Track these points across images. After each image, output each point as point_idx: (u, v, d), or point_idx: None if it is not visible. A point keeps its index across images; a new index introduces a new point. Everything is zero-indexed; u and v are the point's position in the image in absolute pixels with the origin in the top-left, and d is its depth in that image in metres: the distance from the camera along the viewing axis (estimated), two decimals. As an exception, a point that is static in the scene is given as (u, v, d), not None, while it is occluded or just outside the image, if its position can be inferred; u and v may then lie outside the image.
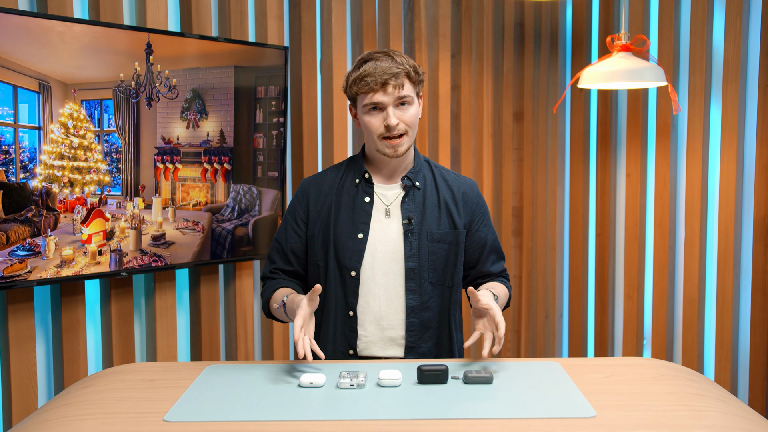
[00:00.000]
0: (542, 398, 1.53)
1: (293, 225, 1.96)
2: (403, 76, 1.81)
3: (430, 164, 1.99)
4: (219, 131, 2.67)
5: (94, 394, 1.60)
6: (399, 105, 1.83)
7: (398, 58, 1.83)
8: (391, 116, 1.81)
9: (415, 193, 1.92)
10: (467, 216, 1.95)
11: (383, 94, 1.81)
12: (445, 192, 1.94)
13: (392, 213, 1.90)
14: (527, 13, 3.48)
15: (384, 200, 1.92)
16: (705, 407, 1.52)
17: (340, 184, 1.94)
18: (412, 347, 1.89)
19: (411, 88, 1.84)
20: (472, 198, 1.97)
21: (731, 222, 3.29)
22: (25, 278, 2.22)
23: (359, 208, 1.90)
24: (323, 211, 1.93)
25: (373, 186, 1.92)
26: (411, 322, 1.88)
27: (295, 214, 1.96)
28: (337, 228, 1.90)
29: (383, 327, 1.89)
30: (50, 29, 2.21)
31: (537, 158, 3.58)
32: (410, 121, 1.84)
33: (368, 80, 1.80)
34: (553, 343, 3.68)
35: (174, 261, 2.59)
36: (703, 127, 3.30)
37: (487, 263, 1.99)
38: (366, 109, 1.84)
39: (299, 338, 1.63)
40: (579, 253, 3.65)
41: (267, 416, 1.44)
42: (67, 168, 2.31)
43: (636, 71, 2.73)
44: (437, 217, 1.91)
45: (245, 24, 2.79)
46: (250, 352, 2.94)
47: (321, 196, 1.95)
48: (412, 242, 1.88)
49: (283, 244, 1.96)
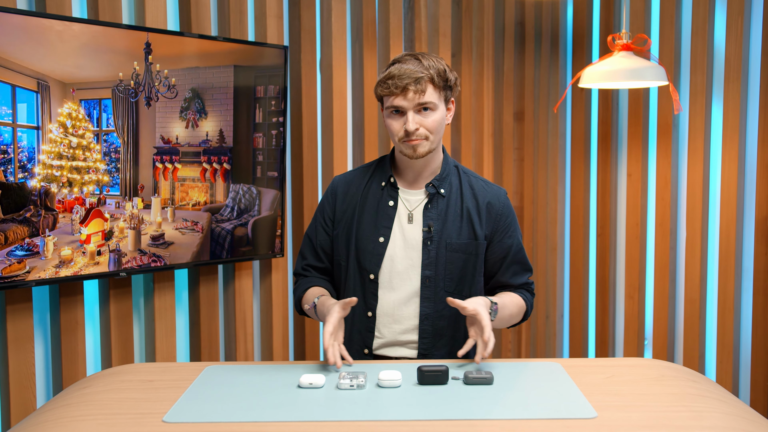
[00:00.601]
0: (543, 399, 1.53)
1: (322, 222, 1.99)
2: (426, 81, 1.79)
3: (459, 170, 1.95)
4: (218, 131, 2.66)
5: (93, 395, 1.60)
6: (421, 110, 1.81)
7: (426, 62, 1.80)
8: (410, 121, 1.79)
9: (439, 201, 1.90)
10: (490, 227, 1.91)
11: (403, 98, 1.79)
12: (470, 201, 1.91)
13: (414, 219, 1.89)
14: (528, 12, 3.48)
15: (408, 205, 1.91)
16: (706, 408, 1.52)
17: (367, 185, 1.95)
18: (425, 354, 1.89)
19: (435, 93, 1.80)
20: (497, 208, 1.92)
21: (732, 222, 3.28)
22: (24, 278, 2.22)
23: (383, 211, 1.90)
24: (348, 212, 1.94)
25: (398, 190, 1.91)
26: (424, 329, 1.89)
27: (324, 211, 1.99)
28: (359, 230, 1.90)
29: (397, 331, 1.89)
30: (49, 28, 2.21)
31: (538, 158, 3.57)
32: (432, 127, 1.81)
33: (389, 83, 1.79)
34: (553, 344, 3.68)
35: (173, 261, 2.58)
36: (704, 127, 3.30)
37: (506, 274, 1.94)
38: (388, 112, 1.84)
39: (329, 345, 1.67)
40: (580, 253, 3.65)
41: (266, 417, 1.44)
42: (66, 168, 2.30)
43: (637, 71, 2.73)
44: (458, 226, 1.88)
45: (245, 23, 2.79)
46: (249, 353, 2.94)
47: (348, 196, 1.95)
48: (430, 250, 1.87)
49: (314, 240, 1.99)
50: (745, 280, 3.33)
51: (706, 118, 3.31)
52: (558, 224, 3.66)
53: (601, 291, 3.64)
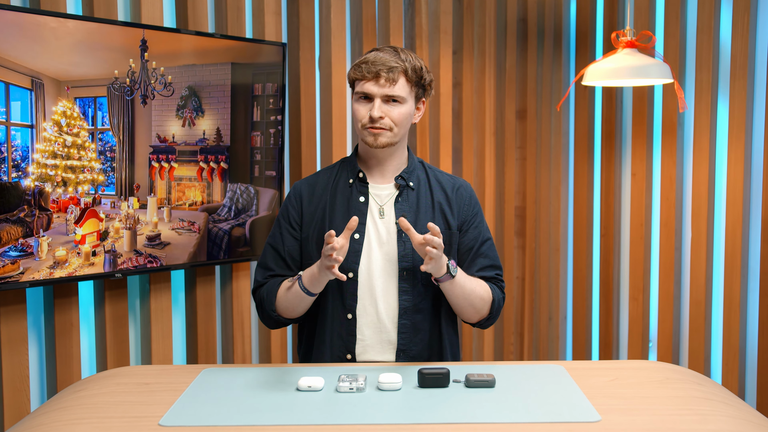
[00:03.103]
0: (545, 402, 1.54)
1: (288, 228, 1.94)
2: (400, 72, 1.81)
3: (424, 165, 1.99)
4: (215, 129, 2.66)
5: (88, 398, 1.60)
6: (390, 101, 1.82)
7: (403, 55, 1.83)
8: (376, 108, 1.80)
9: (409, 193, 1.91)
10: (460, 216, 1.94)
11: (374, 84, 1.80)
12: (439, 193, 1.93)
13: (386, 213, 1.89)
14: (530, 9, 3.47)
15: (377, 200, 1.91)
16: (712, 411, 1.52)
17: (334, 184, 1.94)
18: (403, 350, 1.88)
19: (406, 87, 1.83)
20: (464, 199, 1.95)
21: (739, 222, 3.27)
22: (18, 279, 2.21)
23: (354, 208, 1.89)
24: (317, 213, 1.91)
25: (367, 185, 1.91)
26: (403, 324, 1.87)
27: (289, 216, 1.94)
28: (332, 228, 1.87)
29: (380, 329, 1.88)
30: (43, 25, 2.20)
31: (540, 157, 3.56)
32: (397, 119, 1.83)
33: (363, 67, 1.81)
34: (556, 346, 3.67)
35: (169, 262, 2.58)
36: (710, 125, 3.30)
37: (473, 267, 1.92)
38: (356, 97, 1.85)
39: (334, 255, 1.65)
40: (583, 253, 3.64)
41: (264, 421, 1.44)
42: (61, 167, 2.30)
43: (641, 68, 2.72)
44: (431, 217, 1.90)
45: (242, 20, 2.79)
46: (247, 355, 2.93)
47: (314, 197, 1.94)
48: (405, 242, 1.86)
49: (279, 248, 1.93)
50: (752, 282, 3.32)
51: (712, 117, 3.30)
52: (561, 224, 3.65)
53: (604, 292, 3.63)
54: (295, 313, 1.86)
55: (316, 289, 1.78)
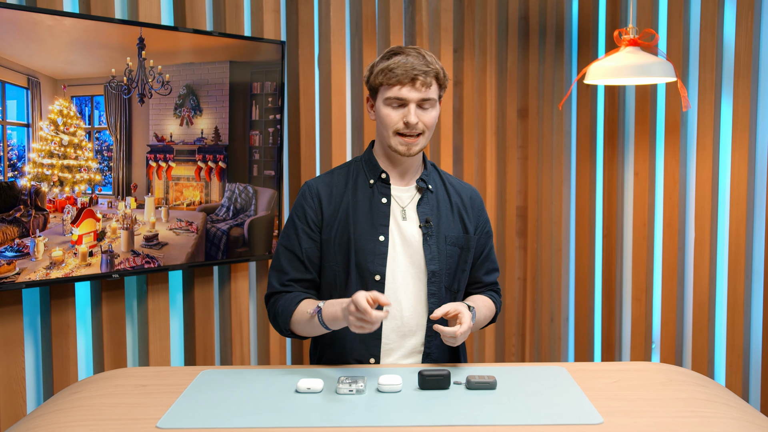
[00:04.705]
0: (547, 404, 1.54)
1: (306, 229, 1.86)
2: (432, 76, 1.80)
3: (436, 169, 1.99)
4: (213, 128, 2.65)
5: (85, 400, 1.60)
6: (421, 105, 1.80)
7: (429, 57, 1.83)
8: (413, 114, 1.79)
9: (429, 196, 1.91)
10: (474, 221, 1.96)
11: (410, 89, 1.78)
12: (455, 197, 1.95)
13: (408, 215, 1.88)
14: (532, 7, 3.47)
15: (399, 201, 1.89)
16: (715, 413, 1.52)
17: (354, 184, 1.89)
18: (428, 353, 1.88)
19: (437, 91, 1.84)
20: (477, 203, 1.99)
21: (743, 222, 3.27)
22: (14, 280, 2.20)
23: (377, 209, 1.86)
24: (339, 213, 1.86)
25: (389, 187, 1.88)
26: (431, 327, 1.86)
27: (306, 217, 1.87)
28: (356, 230, 1.84)
29: (404, 333, 1.86)
30: (39, 23, 2.20)
31: (542, 156, 3.56)
32: (429, 123, 1.82)
33: (397, 72, 1.77)
34: (558, 347, 3.66)
35: (167, 262, 2.57)
36: (713, 124, 3.29)
37: (480, 271, 1.99)
38: (387, 102, 1.81)
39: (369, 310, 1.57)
40: (585, 254, 3.64)
41: (263, 423, 1.43)
42: (57, 166, 2.29)
43: (644, 66, 2.71)
44: (452, 220, 1.91)
45: (241, 18, 2.78)
46: (245, 357, 2.93)
47: (333, 196, 1.88)
48: (431, 245, 1.86)
49: (296, 250, 1.86)
50: (756, 282, 3.32)
51: (716, 116, 3.30)
52: (563, 224, 3.65)
53: (607, 293, 3.63)
54: (312, 334, 1.83)
55: (335, 327, 1.74)
